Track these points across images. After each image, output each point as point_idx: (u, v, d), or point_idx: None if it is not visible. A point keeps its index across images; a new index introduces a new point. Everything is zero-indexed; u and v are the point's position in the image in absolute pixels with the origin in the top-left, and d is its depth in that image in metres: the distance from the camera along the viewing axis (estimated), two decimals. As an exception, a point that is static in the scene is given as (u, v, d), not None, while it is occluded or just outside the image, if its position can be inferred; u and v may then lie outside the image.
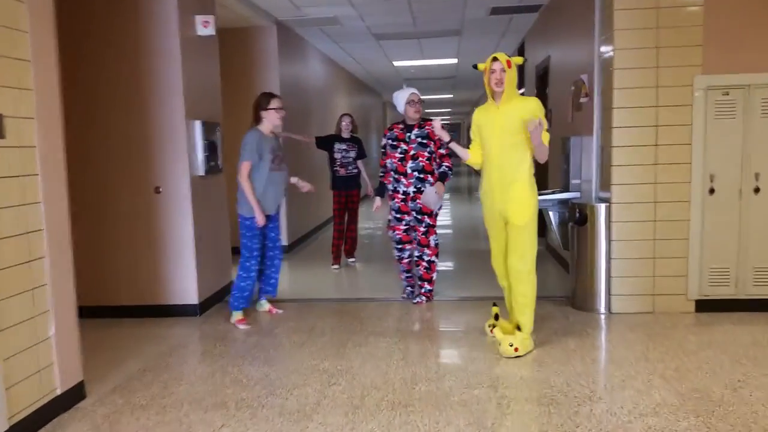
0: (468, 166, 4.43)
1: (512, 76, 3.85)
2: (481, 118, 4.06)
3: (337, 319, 4.92)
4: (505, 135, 3.90)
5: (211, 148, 5.26)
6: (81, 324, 4.76)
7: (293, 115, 8.37)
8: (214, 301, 5.44)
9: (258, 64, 7.73)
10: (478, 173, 4.10)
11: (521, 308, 3.99)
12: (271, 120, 4.72)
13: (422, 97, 5.13)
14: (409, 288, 5.38)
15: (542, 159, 3.91)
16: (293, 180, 5.09)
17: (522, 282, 3.97)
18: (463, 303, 5.29)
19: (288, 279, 6.80)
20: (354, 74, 13.99)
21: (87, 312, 5.09)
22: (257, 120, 4.74)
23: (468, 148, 4.20)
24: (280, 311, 5.14)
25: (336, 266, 6.96)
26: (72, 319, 3.51)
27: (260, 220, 4.63)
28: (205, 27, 5.22)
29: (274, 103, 4.71)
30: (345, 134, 6.83)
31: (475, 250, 7.98)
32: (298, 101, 8.79)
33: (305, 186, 5.14)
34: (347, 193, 6.85)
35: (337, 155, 6.78)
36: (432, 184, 4.99)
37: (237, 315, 4.85)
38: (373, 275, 6.52)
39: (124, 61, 4.94)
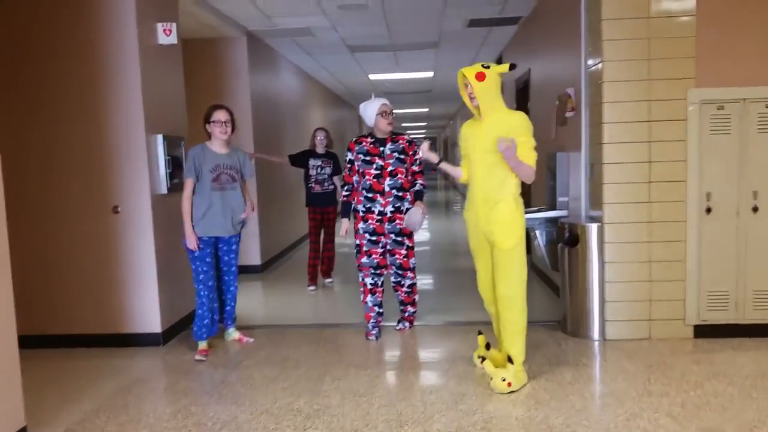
0: (447, 179, 4.09)
1: (486, 88, 3.57)
2: (467, 132, 3.79)
3: (314, 348, 4.56)
4: (486, 152, 3.62)
5: (174, 164, 4.88)
6: (29, 356, 4.33)
7: (265, 129, 8.03)
8: (179, 328, 5.03)
9: (227, 76, 7.38)
10: (454, 187, 3.76)
11: (511, 337, 3.68)
12: (214, 133, 4.35)
13: (398, 111, 4.76)
14: (377, 328, 4.73)
15: (527, 179, 3.61)
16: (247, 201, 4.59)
17: (510, 309, 3.67)
18: (447, 329, 4.96)
19: (261, 302, 6.42)
20: (329, 88, 13.68)
21: (36, 342, 4.69)
22: (208, 134, 4.40)
23: (459, 165, 3.90)
24: (251, 340, 4.75)
25: (312, 287, 6.60)
26: (12, 356, 3.10)
27: (191, 243, 4.27)
28: (166, 35, 4.85)
29: (215, 116, 4.34)
30: (320, 149, 6.49)
31: (456, 269, 7.69)
32: (270, 115, 8.43)
33: (248, 210, 4.53)
34: (323, 210, 6.49)
35: (312, 171, 6.44)
36: (411, 203, 4.63)
37: (200, 345, 4.49)
38: (352, 297, 6.15)
39: (75, 70, 4.57)
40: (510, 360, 3.64)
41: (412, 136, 4.29)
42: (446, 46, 8.94)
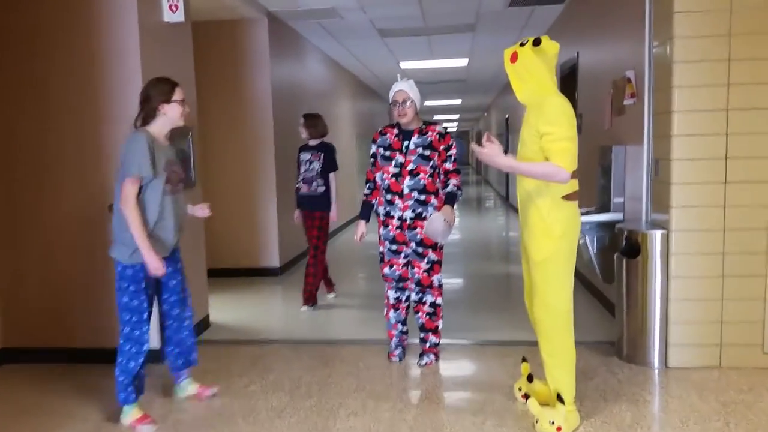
0: (477, 173, 3.42)
1: (518, 68, 2.95)
2: None
3: (329, 372, 3.99)
4: (523, 145, 3.02)
5: (180, 158, 4.34)
6: (15, 372, 3.93)
7: (287, 122, 7.46)
8: (182, 342, 4.51)
9: (246, 62, 6.84)
10: (487, 182, 3.10)
11: (551, 372, 3.05)
12: (172, 117, 3.25)
13: (429, 103, 4.09)
14: (400, 348, 4.17)
15: (549, 179, 2.85)
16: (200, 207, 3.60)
17: (546, 338, 3.05)
18: (481, 349, 4.33)
19: (278, 310, 5.88)
20: (358, 77, 13.08)
21: (26, 356, 4.26)
22: (148, 118, 3.22)
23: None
24: (214, 391, 3.66)
25: (332, 294, 5.98)
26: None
27: (157, 269, 3.12)
28: (173, 11, 4.33)
29: (177, 94, 3.25)
30: (312, 141, 5.56)
31: (491, 275, 7.04)
32: (293, 106, 7.86)
33: (205, 209, 3.62)
34: (311, 215, 5.48)
35: (302, 168, 5.53)
36: (437, 209, 3.89)
37: (130, 412, 3.28)
38: (377, 309, 5.55)
39: (64, 51, 4.07)
40: (560, 398, 3.01)
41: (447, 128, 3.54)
42: (484, 29, 8.26)
